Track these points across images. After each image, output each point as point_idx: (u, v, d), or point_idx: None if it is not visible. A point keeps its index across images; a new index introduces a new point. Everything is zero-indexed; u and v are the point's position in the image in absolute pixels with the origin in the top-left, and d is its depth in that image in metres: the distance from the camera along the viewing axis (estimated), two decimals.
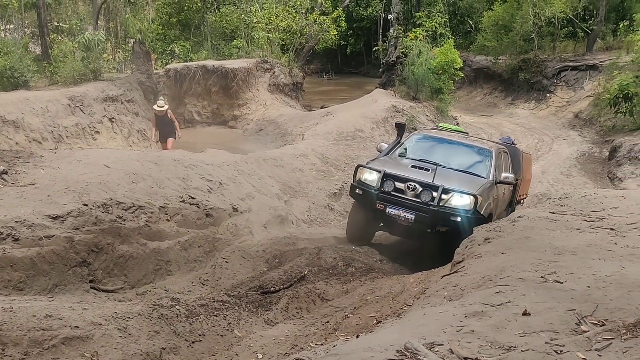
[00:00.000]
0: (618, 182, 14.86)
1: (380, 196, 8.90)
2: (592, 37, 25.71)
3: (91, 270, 6.89)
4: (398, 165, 9.48)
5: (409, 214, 8.72)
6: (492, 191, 9.37)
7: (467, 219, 8.41)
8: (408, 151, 10.22)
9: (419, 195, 8.71)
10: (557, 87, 24.78)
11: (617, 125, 19.16)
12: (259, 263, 8.49)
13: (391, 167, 9.21)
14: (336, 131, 17.47)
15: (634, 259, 5.03)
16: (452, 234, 8.37)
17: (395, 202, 8.84)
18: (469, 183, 9.00)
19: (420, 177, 8.87)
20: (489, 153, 9.98)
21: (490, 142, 11.46)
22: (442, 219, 8.63)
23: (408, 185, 8.81)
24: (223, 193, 9.95)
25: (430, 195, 8.64)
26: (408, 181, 8.84)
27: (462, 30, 32.02)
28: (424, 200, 8.66)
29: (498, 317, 3.73)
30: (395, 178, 8.94)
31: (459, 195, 8.60)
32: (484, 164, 9.78)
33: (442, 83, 21.41)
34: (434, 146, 10.30)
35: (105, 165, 8.50)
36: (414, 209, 8.69)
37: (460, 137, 10.77)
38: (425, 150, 10.13)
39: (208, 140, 20.49)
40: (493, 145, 10.70)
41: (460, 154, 10.05)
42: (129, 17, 26.93)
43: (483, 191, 8.87)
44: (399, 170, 9.16)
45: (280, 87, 24.74)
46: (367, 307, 6.21)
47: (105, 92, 17.61)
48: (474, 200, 8.52)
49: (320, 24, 27.31)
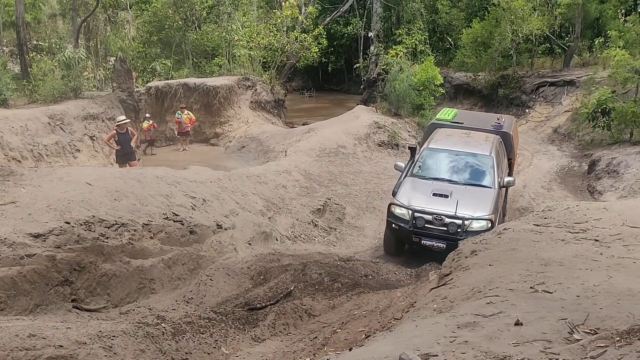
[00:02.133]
0: (598, 196, 15.00)
1: (415, 231, 10.45)
2: (569, 54, 26.11)
3: (73, 290, 6.76)
4: (422, 194, 10.85)
5: (441, 244, 10.23)
6: (499, 198, 11.11)
7: None
8: (422, 169, 11.71)
9: (446, 225, 10.24)
10: (535, 102, 25.05)
11: (595, 139, 19.39)
12: (244, 280, 8.41)
13: (417, 200, 10.69)
14: (319, 147, 17.51)
15: (620, 268, 5.05)
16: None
17: (428, 235, 10.40)
18: (483, 202, 10.59)
19: (444, 207, 10.39)
20: (490, 160, 11.45)
21: (487, 134, 12.66)
22: None
23: (435, 218, 10.32)
24: (207, 210, 9.87)
25: (455, 226, 10.19)
26: (435, 215, 10.33)
27: (442, 47, 32.31)
28: (451, 231, 10.17)
29: (490, 328, 3.71)
30: (423, 212, 10.43)
31: (478, 222, 10.19)
32: (489, 173, 11.30)
33: (423, 99, 21.58)
34: (442, 160, 11.77)
35: (87, 183, 8.40)
36: (445, 239, 10.21)
37: (462, 141, 12.19)
38: (436, 165, 11.72)
39: (190, 158, 20.40)
40: (490, 141, 12.11)
41: (468, 165, 11.58)
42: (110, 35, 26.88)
43: (495, 206, 10.59)
44: (425, 203, 10.57)
45: (262, 105, 24.77)
46: (355, 322, 6.17)
47: (85, 110, 17.49)
48: (491, 222, 10.16)
49: (302, 41, 27.45)
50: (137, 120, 19.40)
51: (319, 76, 39.53)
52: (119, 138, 14.14)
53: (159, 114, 23.02)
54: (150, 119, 21.15)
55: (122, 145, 14.16)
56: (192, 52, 27.32)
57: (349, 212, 13.77)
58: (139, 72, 26.72)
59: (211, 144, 23.16)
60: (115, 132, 14.19)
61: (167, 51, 27.61)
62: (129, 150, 14.28)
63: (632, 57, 17.73)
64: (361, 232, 13.06)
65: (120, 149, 14.21)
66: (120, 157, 14.37)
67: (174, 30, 27.56)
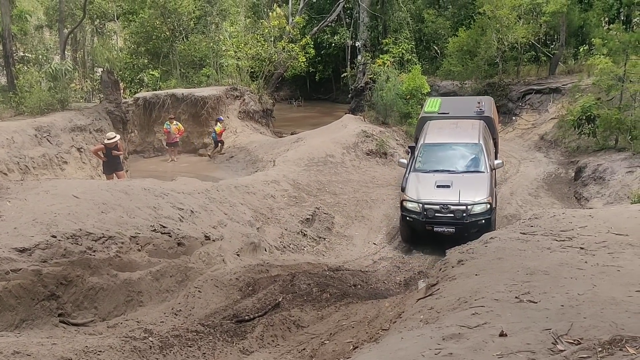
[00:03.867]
0: (585, 202, 15.12)
1: (427, 221, 12.11)
2: (554, 61, 26.38)
3: (60, 304, 6.70)
4: (427, 187, 12.50)
5: (450, 229, 12.02)
6: (492, 179, 12.93)
7: (488, 218, 12.01)
8: (423, 163, 13.45)
9: (452, 212, 11.97)
10: (522, 110, 25.26)
11: (581, 146, 19.56)
12: (233, 291, 8.39)
13: (425, 193, 12.35)
14: (307, 157, 17.52)
15: (605, 277, 5.10)
16: (481, 231, 10.86)
17: (439, 222, 12.08)
18: (480, 186, 12.35)
19: (449, 197, 12.07)
20: (480, 147, 13.33)
21: (472, 122, 14.57)
22: (473, 226, 11.91)
23: (442, 207, 12.02)
24: (195, 221, 9.84)
25: (461, 212, 11.92)
26: (442, 205, 12.02)
27: (428, 56, 32.54)
28: (457, 217, 11.95)
29: (475, 339, 3.73)
30: (432, 204, 12.09)
31: (479, 205, 11.98)
32: (480, 159, 13.13)
33: (410, 108, 21.70)
34: (438, 153, 13.57)
35: (74, 196, 8.35)
36: (453, 224, 12.00)
37: (452, 132, 14.14)
38: (434, 158, 13.43)
39: (179, 169, 20.37)
40: (476, 128, 14.06)
41: (461, 156, 13.42)
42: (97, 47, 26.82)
43: (490, 188, 12.41)
44: (431, 195, 12.26)
45: (250, 114, 24.80)
46: (343, 333, 6.17)
47: (73, 121, 17.40)
48: (489, 204, 12.07)
49: (289, 51, 27.53)
50: (125, 132, 19.35)
51: (307, 85, 39.66)
52: (106, 151, 14.47)
53: (147, 125, 23.03)
54: (222, 121, 22.16)
55: (108, 157, 14.51)
56: (179, 63, 27.34)
57: (338, 221, 13.79)
58: (126, 83, 26.71)
59: (199, 154, 23.14)
60: (104, 146, 14.49)
61: (154, 62, 27.61)
62: (116, 160, 14.59)
63: (615, 65, 17.93)
64: (350, 241, 13.07)
65: (107, 160, 14.56)
66: (107, 167, 14.70)
67: (161, 40, 27.57)
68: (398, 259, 11.87)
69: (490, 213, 12.06)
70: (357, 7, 32.81)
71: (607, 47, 19.08)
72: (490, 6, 24.90)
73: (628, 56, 17.62)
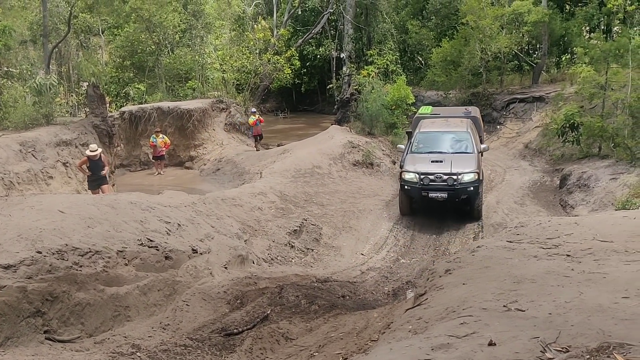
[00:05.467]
0: (570, 210, 15.24)
1: (422, 188, 14.00)
2: (537, 70, 26.67)
3: (46, 320, 6.63)
4: (423, 162, 14.45)
5: (443, 194, 13.91)
6: (480, 159, 14.83)
7: (476, 186, 13.96)
8: (418, 145, 15.32)
9: (445, 181, 13.84)
10: (506, 119, 25.48)
11: (565, 154, 19.76)
12: (221, 304, 8.35)
13: (421, 166, 14.27)
14: (294, 168, 17.53)
15: (591, 284, 5.14)
16: (470, 197, 14.09)
17: (433, 189, 13.94)
18: (469, 162, 14.33)
19: (442, 169, 13.99)
20: (468, 134, 15.28)
21: (461, 119, 16.60)
22: (463, 192, 13.90)
23: (436, 176, 13.90)
24: (182, 235, 9.80)
25: (452, 179, 13.79)
26: (436, 174, 13.90)
27: (413, 66, 32.77)
28: (449, 184, 13.82)
29: (464, 349, 3.74)
30: (428, 174, 13.96)
31: (467, 175, 13.91)
32: (469, 143, 15.06)
33: (395, 118, 21.83)
34: (432, 138, 15.45)
35: (60, 211, 8.29)
36: (445, 190, 13.88)
37: (443, 125, 16.11)
38: (429, 143, 15.30)
39: (165, 182, 20.29)
40: (464, 123, 15.99)
41: (452, 140, 15.28)
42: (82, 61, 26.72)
43: (478, 164, 14.34)
44: (427, 167, 14.15)
45: (236, 127, 24.82)
46: (332, 345, 6.15)
47: (58, 136, 17.28)
48: (477, 174, 14.03)
49: (274, 63, 27.64)
50: (111, 146, 19.25)
51: (293, 97, 39.73)
52: (90, 164, 14.16)
53: (133, 139, 22.96)
54: (256, 113, 23.07)
55: (92, 171, 14.20)
56: (165, 76, 27.32)
57: (326, 232, 13.79)
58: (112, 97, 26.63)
59: (186, 167, 23.07)
60: (87, 159, 14.20)
61: (140, 75, 27.58)
62: (100, 175, 14.26)
63: (597, 73, 18.17)
64: (338, 252, 13.07)
65: (91, 174, 14.26)
66: (91, 182, 14.40)
67: (147, 54, 27.56)
68: (386, 269, 11.87)
69: (478, 183, 14.01)
70: (341, 19, 33.03)
71: (588, 55, 19.34)
72: (473, 17, 25.18)
73: (609, 64, 17.86)
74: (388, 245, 13.43)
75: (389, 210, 15.49)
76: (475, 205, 14.22)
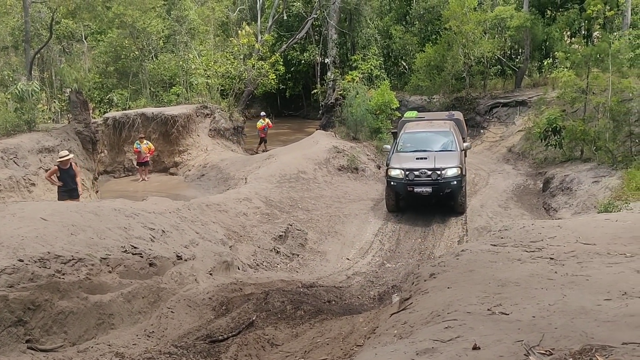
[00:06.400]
0: (553, 213, 15.36)
1: (408, 183, 14.59)
2: (520, 75, 26.92)
3: (28, 330, 6.54)
4: (408, 160, 15.04)
5: (428, 188, 14.52)
6: (462, 156, 15.38)
7: (459, 180, 14.54)
8: (404, 145, 15.91)
9: (429, 176, 14.45)
10: (490, 123, 25.69)
11: (548, 157, 19.94)
12: (206, 311, 8.31)
13: (406, 163, 14.85)
14: (279, 174, 17.51)
15: (574, 286, 5.18)
16: (453, 191, 14.63)
17: (418, 184, 14.54)
18: (452, 158, 14.87)
19: (426, 165, 14.60)
20: (451, 134, 15.89)
21: (444, 121, 17.39)
22: (446, 186, 14.49)
23: (421, 172, 14.52)
24: (166, 241, 9.73)
25: (436, 174, 14.39)
26: (421, 170, 14.51)
27: (397, 71, 32.92)
28: (433, 178, 14.42)
29: (449, 353, 3.76)
30: (413, 170, 14.58)
31: (451, 170, 14.47)
32: (452, 142, 15.69)
33: (380, 123, 21.90)
34: (417, 138, 16.10)
35: (42, 218, 8.20)
36: (430, 184, 14.49)
37: (428, 126, 16.80)
38: (414, 142, 15.91)
39: (150, 188, 20.17)
40: (447, 124, 16.66)
41: (436, 139, 15.94)
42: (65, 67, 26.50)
43: (460, 160, 14.90)
44: (412, 164, 14.77)
45: (221, 132, 24.74)
46: (317, 350, 6.14)
47: (40, 143, 17.11)
48: (459, 169, 14.58)
49: (259, 68, 27.62)
50: (95, 152, 19.11)
51: (278, 102, 39.70)
52: (61, 174, 13.30)
53: (117, 145, 22.82)
54: (266, 117, 23.98)
55: (64, 182, 13.31)
56: (149, 82, 27.19)
57: (311, 237, 13.78)
58: (95, 103, 26.45)
59: (170, 173, 22.96)
60: (57, 167, 13.33)
61: (124, 81, 27.43)
62: (72, 186, 13.37)
63: (578, 78, 18.37)
64: (324, 257, 13.06)
65: (62, 185, 13.33)
66: (62, 193, 13.37)
67: (130, 60, 27.43)
68: (372, 273, 11.89)
69: (461, 178, 14.56)
70: (325, 25, 33.09)
71: (569, 60, 19.57)
72: (456, 22, 25.36)
73: (590, 69, 18.06)
74: (373, 249, 13.45)
75: (374, 215, 15.52)
76: (458, 199, 14.80)
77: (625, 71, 17.99)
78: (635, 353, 3.41)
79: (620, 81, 17.24)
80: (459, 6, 25.26)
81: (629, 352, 3.44)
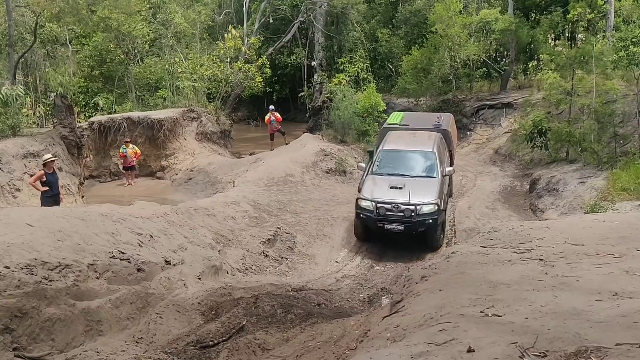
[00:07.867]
0: (540, 214, 15.47)
1: (378, 218, 12.91)
2: (505, 77, 27.09)
3: (15, 337, 6.43)
4: (381, 188, 13.32)
5: (400, 226, 12.84)
6: (443, 184, 13.79)
7: (435, 218, 12.79)
8: (380, 167, 14.31)
9: (402, 212, 12.74)
10: (476, 125, 25.82)
11: (534, 159, 20.08)
12: (195, 316, 8.23)
13: (378, 193, 13.17)
14: (267, 177, 17.47)
15: (565, 287, 5.20)
16: (428, 229, 12.88)
17: (389, 220, 12.86)
18: (430, 190, 13.16)
19: (400, 197, 12.84)
20: (433, 155, 14.21)
21: (430, 132, 15.63)
22: (420, 224, 12.77)
23: (393, 206, 12.80)
24: (154, 246, 9.65)
25: (410, 211, 12.68)
26: (393, 203, 12.80)
27: (383, 74, 32.97)
28: (406, 215, 12.72)
29: (444, 356, 3.74)
30: (384, 203, 12.87)
31: (427, 206, 12.78)
32: (433, 165, 14.02)
33: (367, 125, 21.94)
34: (395, 158, 14.47)
35: (28, 224, 8.09)
36: (402, 222, 12.81)
37: (409, 141, 15.06)
38: (391, 162, 14.33)
39: (136, 193, 20.01)
40: (432, 138, 15.00)
41: (416, 161, 14.32)
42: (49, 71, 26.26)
43: (439, 191, 13.20)
44: (384, 195, 13.04)
45: (208, 136, 24.61)
46: (309, 354, 6.11)
47: (25, 147, 16.91)
48: (437, 205, 12.87)
49: (246, 72, 27.53)
50: (80, 157, 18.92)
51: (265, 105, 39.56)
52: (47, 179, 12.85)
53: (103, 149, 22.61)
54: (274, 112, 23.70)
55: (50, 187, 12.84)
56: (135, 86, 27.02)
57: (300, 240, 13.74)
58: (80, 107, 26.20)
59: (157, 178, 22.80)
60: (43, 172, 12.90)
61: (109, 85, 27.22)
62: (56, 191, 12.99)
63: (563, 80, 18.51)
64: (312, 260, 13.03)
65: (47, 190, 12.84)
66: (47, 199, 12.82)
67: (115, 64, 27.22)
68: (361, 276, 11.88)
69: (438, 214, 12.90)
70: (312, 28, 33.11)
71: (554, 62, 19.71)
72: (442, 25, 25.47)
73: (574, 71, 18.22)
74: (362, 252, 13.44)
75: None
76: (434, 236, 13.06)
77: (609, 73, 18.17)
78: (630, 354, 3.42)
79: (604, 83, 17.41)
80: (445, 10, 25.38)
81: (623, 353, 3.44)
